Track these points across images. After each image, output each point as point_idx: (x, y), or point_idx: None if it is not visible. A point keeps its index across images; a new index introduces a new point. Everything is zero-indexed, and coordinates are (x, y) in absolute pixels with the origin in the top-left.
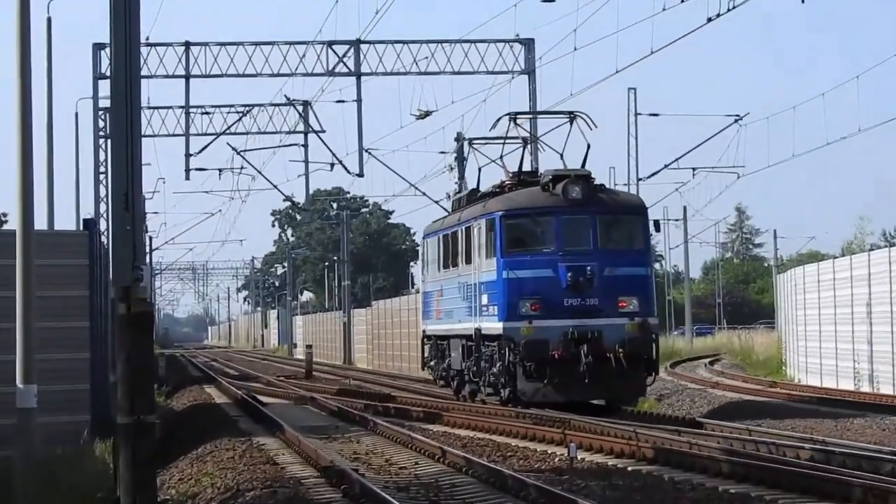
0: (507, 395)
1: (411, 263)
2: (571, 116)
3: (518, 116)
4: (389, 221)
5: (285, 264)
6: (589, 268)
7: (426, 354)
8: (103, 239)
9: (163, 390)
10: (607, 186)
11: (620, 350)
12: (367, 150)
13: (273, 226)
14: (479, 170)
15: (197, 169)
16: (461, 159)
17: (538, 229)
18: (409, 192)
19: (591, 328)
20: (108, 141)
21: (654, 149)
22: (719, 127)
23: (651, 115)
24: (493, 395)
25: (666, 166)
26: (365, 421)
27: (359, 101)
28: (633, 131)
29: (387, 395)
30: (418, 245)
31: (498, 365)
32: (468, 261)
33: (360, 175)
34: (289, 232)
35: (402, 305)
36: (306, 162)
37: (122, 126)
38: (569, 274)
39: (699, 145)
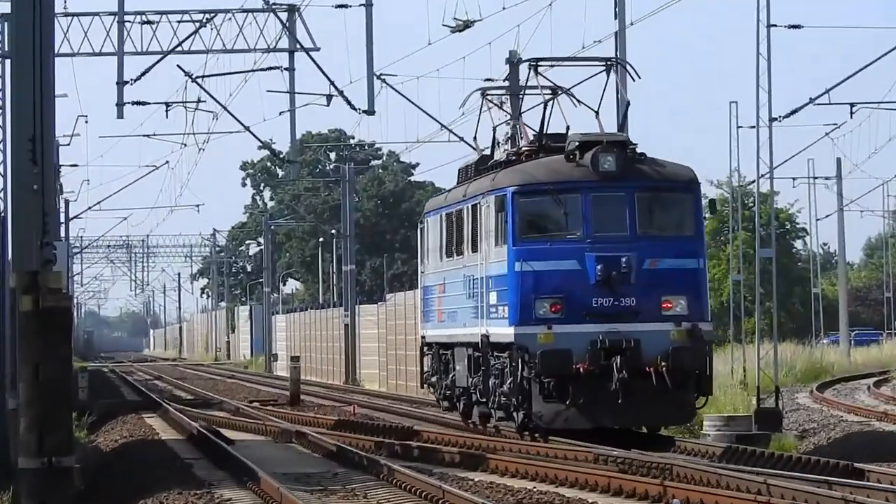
0: (522, 419)
1: None
2: (608, 64)
3: (540, 63)
4: (412, 179)
5: (261, 241)
6: (624, 259)
7: (426, 368)
8: None
9: (84, 421)
10: (649, 156)
11: (663, 364)
12: (379, 77)
13: (244, 185)
14: (494, 129)
15: (135, 103)
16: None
17: (560, 210)
18: (440, 137)
19: (627, 336)
20: (6, 62)
21: (794, 77)
22: (887, 46)
23: (790, 27)
24: (506, 419)
25: (812, 101)
26: (376, 466)
27: (368, 4)
28: (765, 50)
29: (407, 430)
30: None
31: (509, 381)
32: (475, 248)
33: (370, 112)
34: (266, 194)
35: None
36: (292, 93)
37: (28, 40)
38: (599, 266)
39: (860, 71)
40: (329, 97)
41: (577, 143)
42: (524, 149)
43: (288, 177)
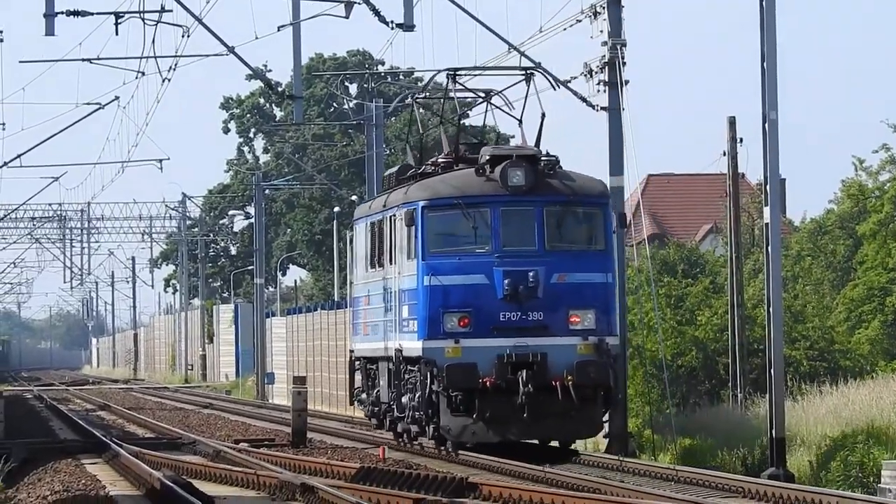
0: (432, 433)
1: None
2: (527, 74)
3: (458, 73)
4: (466, 122)
5: (250, 211)
6: (532, 273)
7: (357, 383)
8: None
9: (1, 468)
10: (561, 168)
11: (569, 378)
12: None
13: (226, 131)
14: (421, 137)
15: (71, 13)
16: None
17: (470, 224)
18: (507, 61)
19: (534, 350)
20: None
21: None
22: None
23: None
24: (420, 433)
25: None
26: None
27: None
28: None
29: (459, 482)
30: None
31: (418, 395)
32: (392, 260)
33: (407, 27)
34: (258, 144)
35: None
36: None
37: None
38: (506, 281)
39: None
40: (349, 5)
41: (487, 157)
42: (440, 160)
43: (288, 120)
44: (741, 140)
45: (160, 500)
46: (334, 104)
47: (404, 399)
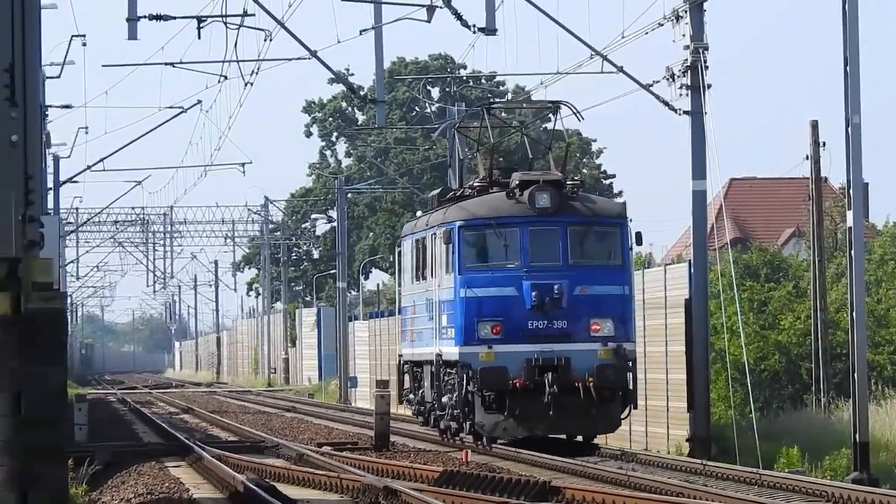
0: (468, 429)
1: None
2: (555, 106)
3: (493, 107)
4: (548, 127)
5: (333, 215)
6: (557, 286)
7: (406, 385)
8: None
9: (84, 471)
10: (583, 192)
11: (590, 379)
12: None
13: (308, 135)
14: (461, 163)
15: (153, 17)
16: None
17: (501, 242)
18: (590, 67)
19: (558, 354)
20: None
21: None
22: None
23: None
24: (459, 430)
25: None
26: None
27: None
28: None
29: (542, 486)
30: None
31: (455, 395)
32: (433, 274)
33: (490, 31)
34: (341, 148)
35: None
36: (377, 2)
37: None
38: (534, 293)
39: None
40: (430, 9)
41: (517, 182)
42: (476, 184)
43: (370, 123)
44: (824, 144)
45: (244, 502)
46: (416, 108)
47: (444, 399)
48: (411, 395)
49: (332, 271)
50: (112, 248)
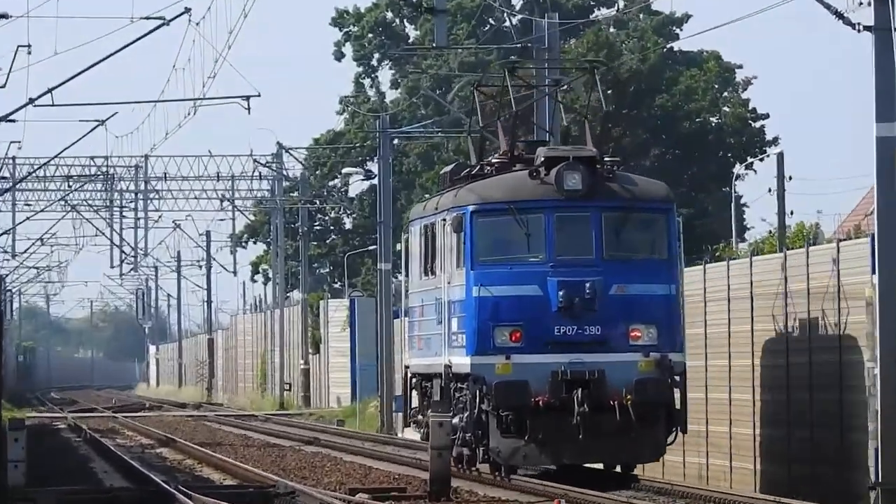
0: (482, 455)
1: (742, 167)
2: (591, 66)
3: (517, 67)
4: (675, 47)
5: (372, 167)
6: (589, 284)
7: (414, 403)
8: None
9: None
10: (621, 171)
11: (628, 396)
12: None
13: (339, 58)
14: (482, 132)
15: None
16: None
17: (522, 231)
18: None
19: (591, 367)
20: None
21: None
22: None
23: None
24: (472, 456)
25: None
26: None
27: None
28: None
29: None
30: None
31: (466, 415)
32: (443, 269)
33: None
34: (383, 76)
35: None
36: None
37: None
38: (561, 292)
39: None
40: None
41: (542, 158)
42: (495, 160)
43: (428, 42)
44: None
45: None
46: (490, 20)
47: (455, 420)
48: (420, 416)
49: (370, 247)
50: (62, 214)
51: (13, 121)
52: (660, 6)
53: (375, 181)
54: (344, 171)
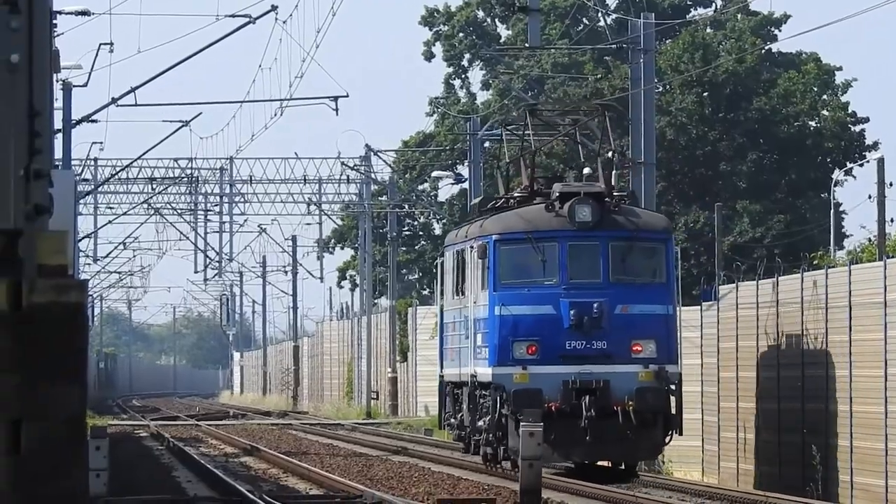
0: (503, 454)
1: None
2: (601, 107)
3: (538, 111)
4: (774, 48)
5: (463, 173)
6: (596, 304)
7: (447, 408)
8: None
9: None
10: (627, 204)
11: (630, 403)
12: None
13: (429, 58)
14: (508, 165)
15: None
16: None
17: (539, 257)
18: None
19: (597, 377)
20: None
21: None
22: None
23: None
24: (496, 456)
25: None
26: None
27: None
28: None
29: None
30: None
31: (488, 418)
32: (470, 290)
33: None
34: (474, 76)
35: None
36: None
37: None
38: (572, 311)
39: None
40: None
41: (557, 193)
42: (517, 194)
43: (521, 42)
44: None
45: None
46: (584, 20)
47: (479, 422)
48: (452, 420)
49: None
50: (146, 217)
51: (95, 121)
52: (758, 6)
53: (466, 185)
54: (433, 174)
